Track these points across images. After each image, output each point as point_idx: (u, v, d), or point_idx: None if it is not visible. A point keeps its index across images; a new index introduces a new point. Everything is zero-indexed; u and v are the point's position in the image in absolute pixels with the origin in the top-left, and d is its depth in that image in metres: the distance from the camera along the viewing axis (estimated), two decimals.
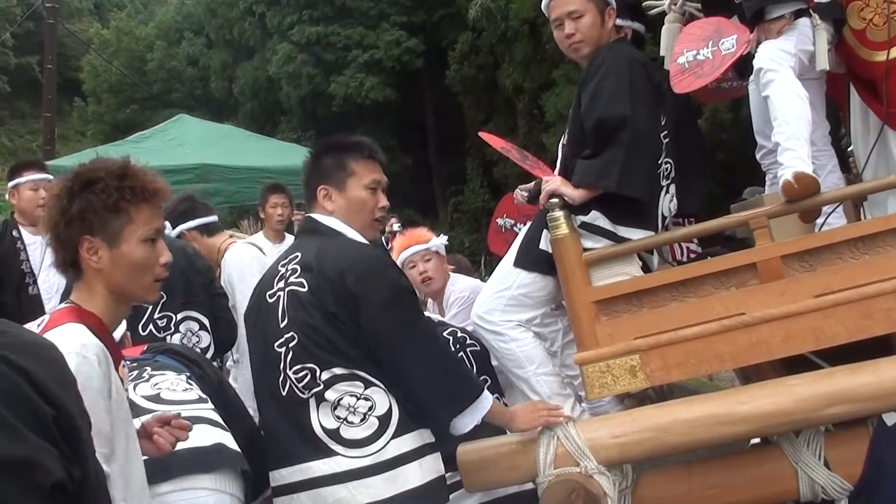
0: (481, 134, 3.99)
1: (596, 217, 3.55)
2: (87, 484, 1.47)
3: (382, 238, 7.10)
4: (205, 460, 2.91)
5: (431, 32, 30.06)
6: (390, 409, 3.00)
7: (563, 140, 3.89)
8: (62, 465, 1.40)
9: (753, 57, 4.14)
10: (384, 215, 3.42)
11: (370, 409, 2.99)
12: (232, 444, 3.03)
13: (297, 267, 3.14)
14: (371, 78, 29.15)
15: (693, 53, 3.96)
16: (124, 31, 42.18)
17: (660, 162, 3.77)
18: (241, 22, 33.16)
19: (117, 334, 3.64)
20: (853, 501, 3.39)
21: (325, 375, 3.00)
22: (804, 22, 3.82)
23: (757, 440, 3.72)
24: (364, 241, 3.25)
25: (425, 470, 3.02)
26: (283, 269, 3.20)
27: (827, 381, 3.26)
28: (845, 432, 3.43)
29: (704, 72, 3.91)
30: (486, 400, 3.11)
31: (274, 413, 3.16)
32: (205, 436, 2.96)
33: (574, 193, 3.53)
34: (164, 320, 4.36)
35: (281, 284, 3.16)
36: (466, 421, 3.08)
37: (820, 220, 3.75)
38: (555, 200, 3.55)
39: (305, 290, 3.08)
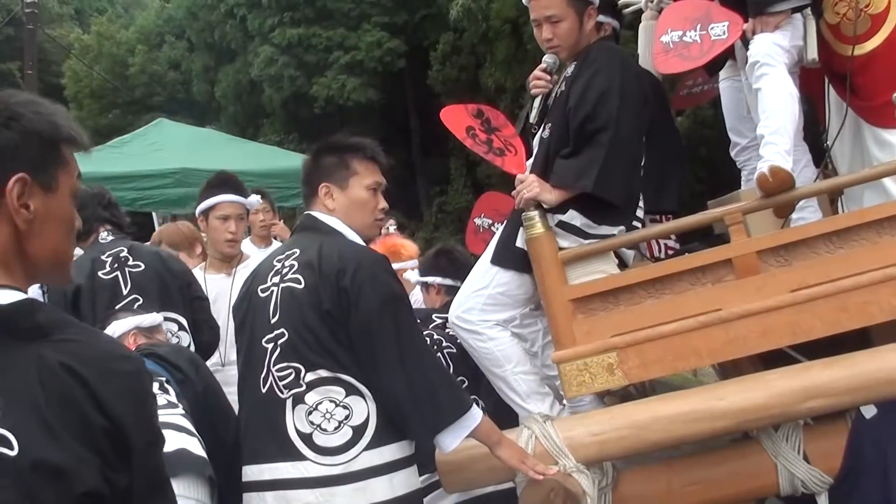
0: (442, 115, 3.87)
1: (573, 216, 3.53)
2: (133, 493, 1.55)
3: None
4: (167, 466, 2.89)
5: (413, 33, 30.02)
6: (367, 419, 2.99)
7: (543, 133, 3.85)
8: (102, 474, 1.49)
9: (731, 50, 4.15)
10: (384, 217, 3.43)
11: (346, 417, 2.97)
12: (197, 449, 3.02)
13: (296, 263, 3.13)
14: (353, 79, 29.08)
15: (679, 34, 3.88)
16: (105, 35, 41.94)
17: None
18: (223, 25, 33.04)
19: (121, 328, 3.69)
20: (833, 495, 3.40)
21: (309, 377, 2.99)
22: (798, 17, 3.84)
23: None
24: (363, 242, 3.27)
25: (396, 485, 3.00)
26: (278, 265, 3.18)
27: (804, 375, 3.27)
28: (824, 426, 3.44)
29: (692, 55, 3.85)
30: (473, 418, 3.05)
31: (250, 408, 3.16)
32: (167, 442, 2.95)
33: (551, 197, 3.51)
34: None
35: (276, 280, 3.14)
36: (450, 439, 3.03)
37: (795, 216, 3.76)
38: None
39: (302, 286, 3.07)
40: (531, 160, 3.84)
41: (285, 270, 3.14)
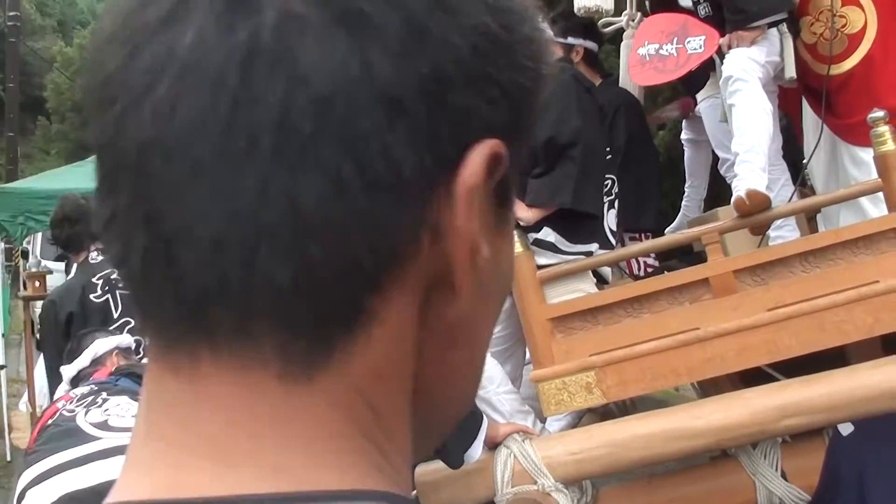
0: None
1: (548, 233, 3.54)
2: None
3: None
4: None
5: None
6: None
7: None
8: None
9: (707, 68, 4.18)
10: None
11: None
12: None
13: None
14: None
15: (655, 47, 3.91)
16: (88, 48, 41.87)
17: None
18: None
19: (103, 347, 3.69)
20: None
21: None
22: (773, 32, 3.85)
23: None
24: None
25: None
26: None
27: (781, 393, 3.27)
28: (802, 443, 3.44)
29: (667, 68, 3.88)
30: (485, 421, 3.17)
31: None
32: None
33: (528, 215, 3.52)
34: None
35: None
36: (478, 448, 3.13)
37: (773, 234, 3.78)
38: None
39: None
40: None
41: None
